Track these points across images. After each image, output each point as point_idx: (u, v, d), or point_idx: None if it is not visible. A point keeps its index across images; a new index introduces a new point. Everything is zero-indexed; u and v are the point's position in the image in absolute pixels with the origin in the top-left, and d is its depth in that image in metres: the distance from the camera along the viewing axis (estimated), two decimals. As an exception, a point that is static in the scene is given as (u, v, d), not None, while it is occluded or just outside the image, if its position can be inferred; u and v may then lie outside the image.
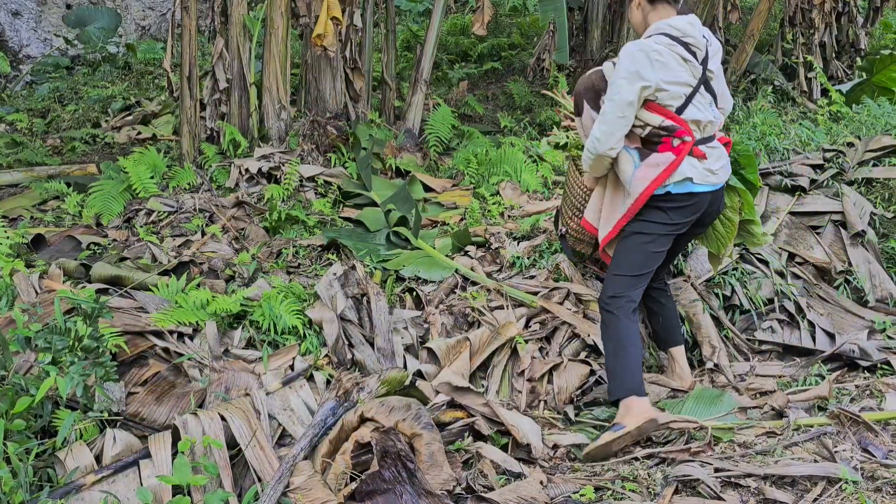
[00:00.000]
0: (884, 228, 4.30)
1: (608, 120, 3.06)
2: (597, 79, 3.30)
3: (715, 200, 3.22)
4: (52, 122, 7.10)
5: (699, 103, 3.11)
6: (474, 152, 5.96)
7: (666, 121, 3.04)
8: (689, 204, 3.11)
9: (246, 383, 3.06)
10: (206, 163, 5.51)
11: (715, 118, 3.19)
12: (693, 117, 3.08)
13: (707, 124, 3.13)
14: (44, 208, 4.99)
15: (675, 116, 3.06)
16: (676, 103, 3.06)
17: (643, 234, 3.16)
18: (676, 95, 3.05)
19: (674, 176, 3.04)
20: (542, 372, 3.49)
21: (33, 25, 9.44)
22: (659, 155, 3.06)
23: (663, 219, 3.12)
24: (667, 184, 3.05)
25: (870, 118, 5.16)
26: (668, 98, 3.04)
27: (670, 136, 3.05)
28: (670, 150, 3.05)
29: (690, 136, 3.07)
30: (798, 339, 3.82)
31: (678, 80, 3.04)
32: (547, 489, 2.63)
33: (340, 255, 4.43)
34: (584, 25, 8.16)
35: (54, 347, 2.58)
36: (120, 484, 2.45)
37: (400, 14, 10.47)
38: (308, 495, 2.46)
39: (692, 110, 3.08)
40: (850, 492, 2.38)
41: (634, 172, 3.09)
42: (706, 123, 3.12)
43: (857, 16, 7.47)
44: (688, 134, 3.06)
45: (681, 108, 3.07)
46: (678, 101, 3.06)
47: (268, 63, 5.78)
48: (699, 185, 3.08)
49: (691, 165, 3.06)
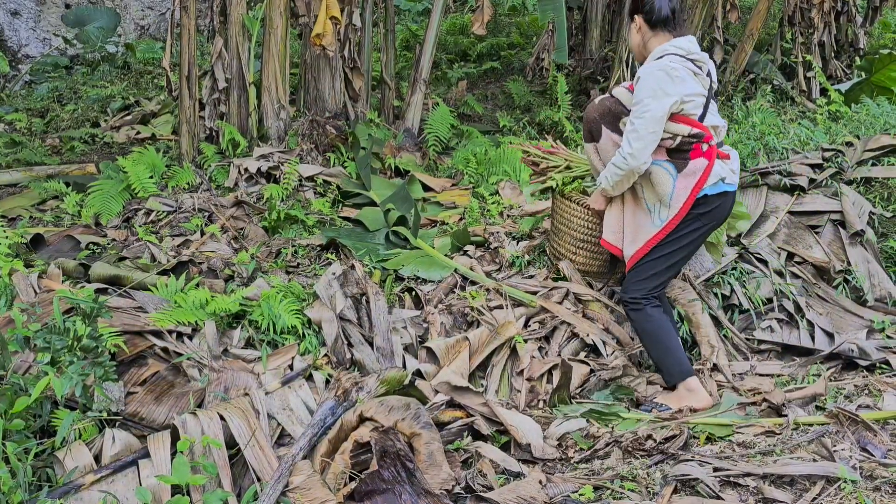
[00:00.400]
0: (883, 228, 4.30)
1: (641, 136, 3.19)
2: (612, 103, 3.45)
3: (733, 202, 3.45)
4: (51, 121, 7.10)
5: (713, 111, 3.34)
6: (473, 152, 5.97)
7: (694, 129, 3.24)
8: (720, 204, 3.32)
9: (245, 383, 3.06)
10: (206, 162, 5.51)
11: (722, 124, 3.41)
12: (712, 123, 3.32)
13: (721, 129, 3.37)
14: (43, 208, 4.99)
15: (700, 124, 3.27)
16: (698, 112, 3.27)
17: (677, 245, 3.36)
18: (698, 105, 3.27)
19: (711, 178, 3.26)
20: (541, 371, 3.49)
21: (32, 25, 9.43)
22: (694, 162, 3.26)
23: (697, 226, 3.33)
24: (705, 189, 3.26)
25: (869, 117, 5.15)
26: (692, 108, 3.25)
27: (699, 142, 3.26)
28: (701, 155, 3.27)
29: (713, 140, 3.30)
30: (797, 339, 3.82)
31: (696, 92, 3.26)
32: (546, 489, 2.63)
33: (339, 255, 4.43)
34: (584, 25, 8.16)
35: (53, 347, 2.57)
36: (119, 484, 2.45)
37: (399, 13, 10.47)
38: (307, 495, 2.46)
39: (710, 117, 3.32)
40: (848, 491, 2.38)
41: (675, 185, 3.26)
42: (721, 128, 3.37)
43: (856, 15, 7.47)
44: (712, 139, 3.29)
45: (702, 117, 3.29)
46: (699, 110, 3.27)
47: (267, 63, 5.78)
48: (730, 184, 3.32)
49: (721, 166, 3.29)
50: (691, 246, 3.41)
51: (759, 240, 4.22)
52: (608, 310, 3.87)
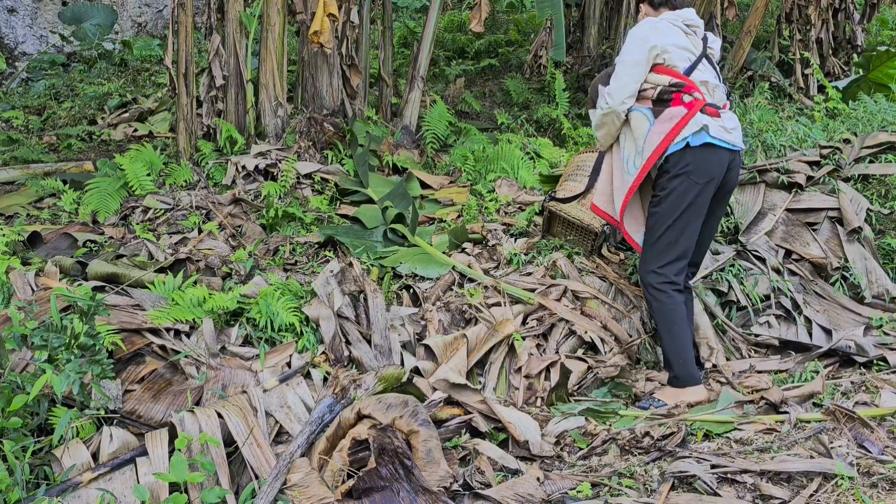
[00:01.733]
0: (880, 225, 4.31)
1: (619, 77, 3.32)
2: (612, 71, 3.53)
3: (734, 166, 3.35)
4: (49, 119, 7.09)
5: (704, 68, 3.33)
6: (471, 149, 5.97)
7: (675, 80, 3.27)
8: (707, 159, 3.22)
9: (243, 381, 3.06)
10: (203, 160, 5.50)
11: (721, 87, 3.37)
12: (701, 78, 3.31)
13: (715, 88, 3.33)
14: (40, 206, 4.98)
15: (683, 77, 3.28)
16: (683, 65, 3.30)
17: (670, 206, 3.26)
18: (682, 58, 3.30)
19: (689, 126, 3.20)
20: (539, 369, 3.49)
21: (29, 22, 9.41)
22: (672, 109, 3.25)
23: (687, 185, 3.23)
24: (685, 136, 3.19)
25: (866, 114, 5.16)
26: (675, 59, 3.29)
27: (680, 92, 3.25)
28: (681, 104, 3.24)
29: (701, 94, 3.27)
30: (795, 335, 3.83)
31: (682, 45, 3.30)
32: (544, 486, 2.63)
33: (337, 253, 4.43)
34: (582, 22, 8.16)
35: (50, 345, 2.57)
36: (117, 481, 2.45)
37: (397, 11, 10.46)
38: (305, 492, 2.46)
39: (699, 73, 3.33)
40: (845, 487, 2.38)
41: (650, 129, 3.26)
42: (714, 87, 3.33)
43: (853, 12, 7.48)
44: (697, 91, 3.27)
45: (688, 71, 3.30)
46: (685, 63, 3.30)
47: (264, 60, 5.77)
48: (715, 138, 3.21)
49: (707, 119, 3.22)
50: (690, 210, 3.25)
51: (757, 237, 4.22)
52: (606, 307, 3.87)
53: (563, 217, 4.16)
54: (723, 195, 3.41)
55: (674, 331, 3.34)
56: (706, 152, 3.21)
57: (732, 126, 3.30)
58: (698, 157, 3.20)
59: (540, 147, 6.08)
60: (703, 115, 3.21)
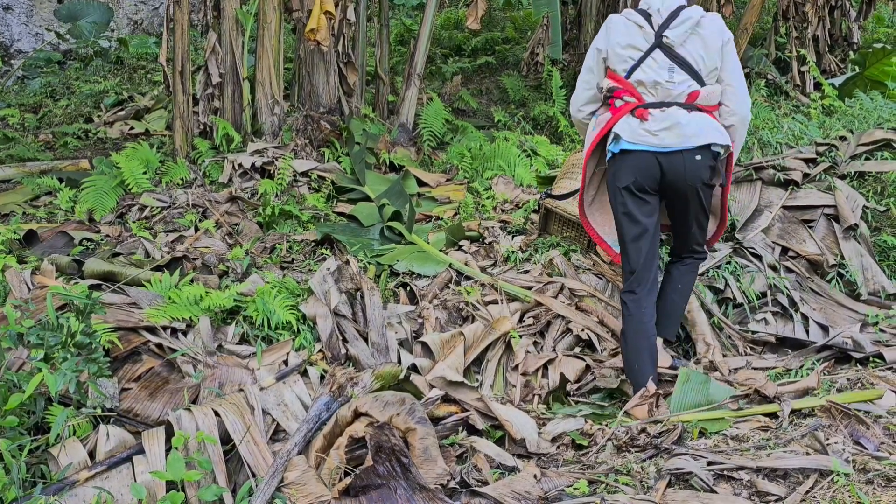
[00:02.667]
0: (876, 222, 4.32)
1: (577, 85, 3.47)
2: None
3: (673, 167, 3.16)
4: (44, 117, 7.07)
5: (649, 66, 3.23)
6: (468, 147, 5.96)
7: (612, 84, 3.28)
8: (626, 164, 3.22)
9: (240, 379, 3.05)
10: (199, 158, 5.50)
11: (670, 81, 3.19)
12: (637, 78, 3.24)
13: (656, 86, 3.21)
14: (36, 204, 4.97)
15: (621, 79, 3.27)
16: (624, 66, 3.26)
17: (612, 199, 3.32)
18: (624, 58, 3.25)
19: (609, 135, 3.27)
20: (536, 366, 3.49)
21: (24, 20, 9.38)
22: (603, 115, 3.33)
23: (612, 190, 3.30)
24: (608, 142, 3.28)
25: (862, 112, 5.16)
26: (617, 61, 3.27)
27: (612, 97, 3.28)
28: (611, 110, 3.29)
29: (634, 97, 3.23)
30: (791, 331, 3.83)
31: (628, 44, 3.25)
32: (540, 483, 2.64)
33: (334, 250, 4.43)
34: (578, 19, 8.15)
35: (47, 344, 2.57)
36: (113, 480, 2.45)
37: (393, 8, 10.44)
38: (302, 490, 2.46)
39: (639, 73, 3.24)
40: (841, 484, 2.39)
41: (589, 133, 3.40)
42: (654, 85, 3.21)
43: (849, 10, 7.48)
44: (629, 95, 3.23)
45: (630, 72, 3.26)
46: (626, 63, 3.26)
47: (261, 58, 5.76)
48: (631, 143, 3.19)
49: (627, 124, 3.21)
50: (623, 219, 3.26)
51: (753, 234, 4.23)
52: (602, 304, 3.87)
53: (559, 214, 4.18)
54: (675, 196, 3.28)
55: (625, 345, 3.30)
56: (626, 158, 3.21)
57: (663, 126, 3.14)
58: (618, 163, 3.25)
59: (537, 144, 6.08)
60: (624, 122, 3.21)
